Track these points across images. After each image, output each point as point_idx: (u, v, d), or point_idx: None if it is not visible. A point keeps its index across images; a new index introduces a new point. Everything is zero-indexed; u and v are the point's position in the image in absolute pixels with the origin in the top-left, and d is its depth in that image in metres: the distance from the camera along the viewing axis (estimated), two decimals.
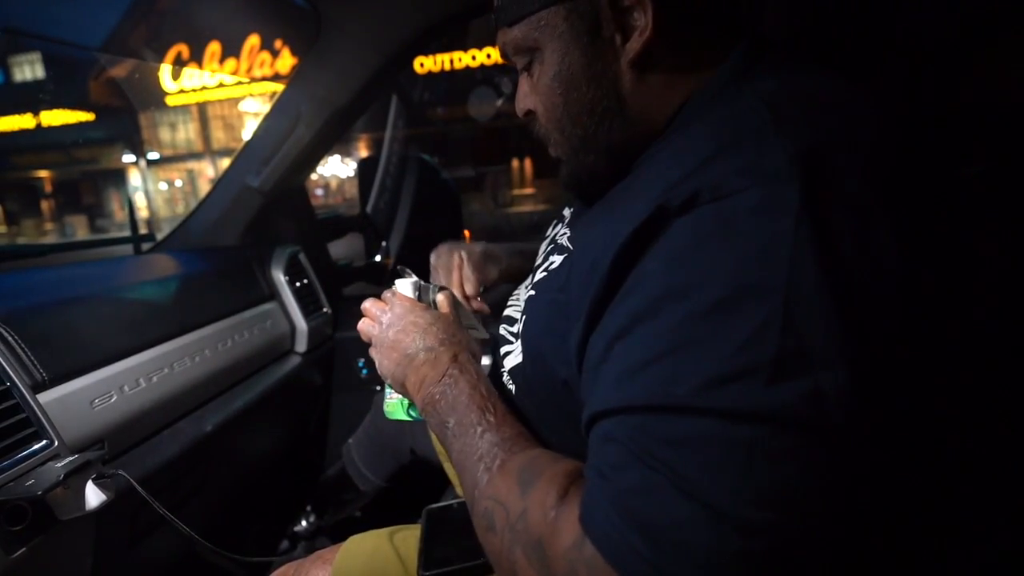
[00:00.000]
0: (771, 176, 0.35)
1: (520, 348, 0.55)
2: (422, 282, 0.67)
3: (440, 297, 0.65)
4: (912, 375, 0.36)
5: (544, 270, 0.55)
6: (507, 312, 0.65)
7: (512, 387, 0.56)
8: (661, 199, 0.38)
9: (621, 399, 0.37)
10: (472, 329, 0.70)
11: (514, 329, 0.60)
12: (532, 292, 0.55)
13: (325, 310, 1.31)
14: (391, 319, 0.61)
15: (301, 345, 1.21)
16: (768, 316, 0.33)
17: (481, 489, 0.44)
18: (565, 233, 0.58)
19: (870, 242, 0.34)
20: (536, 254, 0.69)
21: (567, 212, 0.70)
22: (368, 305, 0.66)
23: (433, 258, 0.80)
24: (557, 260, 0.53)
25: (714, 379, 0.33)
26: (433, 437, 0.93)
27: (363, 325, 0.65)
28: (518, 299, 0.66)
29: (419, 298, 0.65)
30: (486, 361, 0.69)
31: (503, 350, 0.60)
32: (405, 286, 0.66)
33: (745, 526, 0.31)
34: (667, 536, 0.32)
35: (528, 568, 0.38)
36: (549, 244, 0.65)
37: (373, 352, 0.62)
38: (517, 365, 0.55)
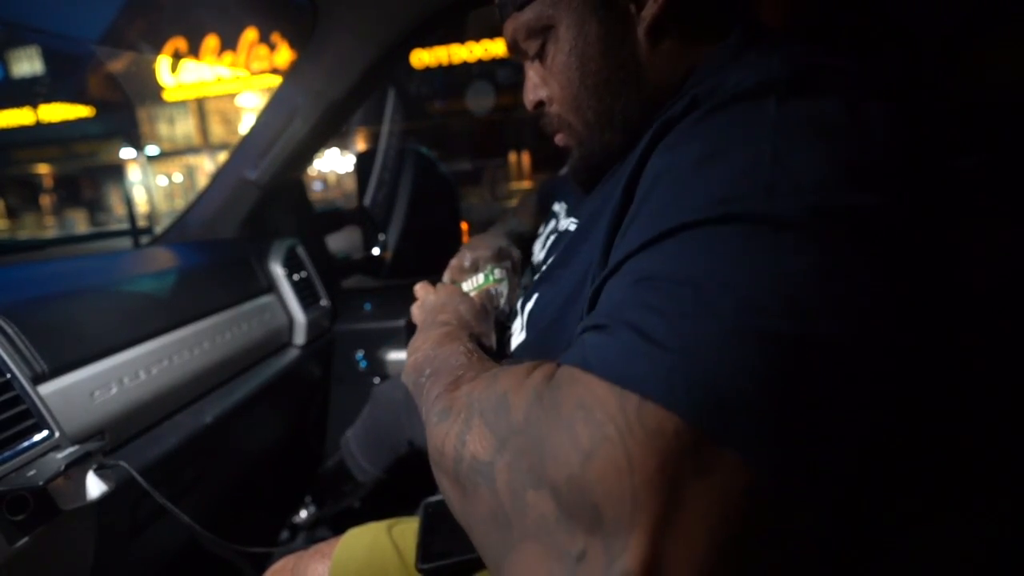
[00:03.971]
0: (764, 78, 0.35)
1: (524, 325, 0.54)
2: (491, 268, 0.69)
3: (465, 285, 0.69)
4: (915, 231, 0.33)
5: (556, 254, 0.55)
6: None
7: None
8: (663, 117, 0.38)
9: (631, 245, 0.34)
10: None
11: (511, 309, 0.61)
12: (542, 273, 0.55)
13: (323, 303, 1.32)
14: (432, 301, 0.63)
15: (299, 338, 1.21)
16: (757, 155, 0.31)
17: (443, 394, 0.40)
18: (571, 219, 0.58)
19: (859, 113, 0.33)
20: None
21: (557, 207, 0.71)
22: (418, 288, 0.69)
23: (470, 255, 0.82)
24: (563, 246, 0.53)
25: (708, 203, 0.31)
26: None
27: (413, 308, 0.67)
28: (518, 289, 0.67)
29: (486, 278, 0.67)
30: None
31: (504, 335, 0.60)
32: (472, 284, 0.69)
33: (763, 329, 0.27)
34: (717, 357, 0.27)
35: (483, 431, 0.33)
36: (550, 235, 0.65)
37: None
38: (521, 343, 0.54)
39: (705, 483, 0.25)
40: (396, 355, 1.34)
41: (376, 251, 1.65)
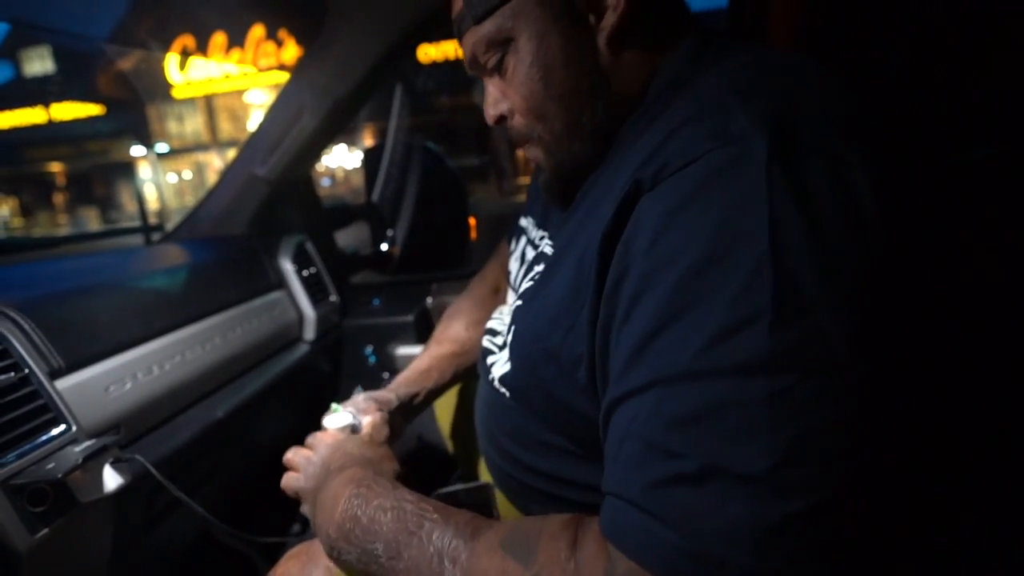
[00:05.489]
0: (736, 136, 0.35)
1: (508, 356, 0.53)
2: (351, 412, 0.65)
3: (366, 420, 0.65)
4: (911, 314, 0.35)
5: (530, 279, 0.54)
6: (490, 325, 0.65)
7: (506, 392, 0.55)
8: (635, 176, 0.38)
9: (629, 384, 0.36)
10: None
11: (498, 340, 0.59)
12: (519, 302, 0.54)
13: (332, 298, 1.32)
14: (315, 465, 0.57)
15: (309, 333, 1.22)
16: (758, 262, 0.32)
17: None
18: (546, 241, 0.57)
19: (846, 184, 0.34)
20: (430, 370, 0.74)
21: (525, 222, 0.70)
22: (290, 456, 0.61)
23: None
24: (541, 267, 0.53)
25: (716, 336, 0.32)
26: (439, 418, 0.95)
27: (286, 481, 0.60)
28: (502, 313, 0.66)
29: (353, 430, 0.63)
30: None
31: (488, 360, 0.59)
32: (334, 420, 0.63)
33: (782, 487, 0.30)
34: (705, 522, 0.31)
35: None
36: (525, 248, 0.65)
37: (305, 509, 0.56)
38: (507, 373, 0.54)
39: None
40: (405, 350, 1.35)
41: (384, 246, 1.65)
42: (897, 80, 0.66)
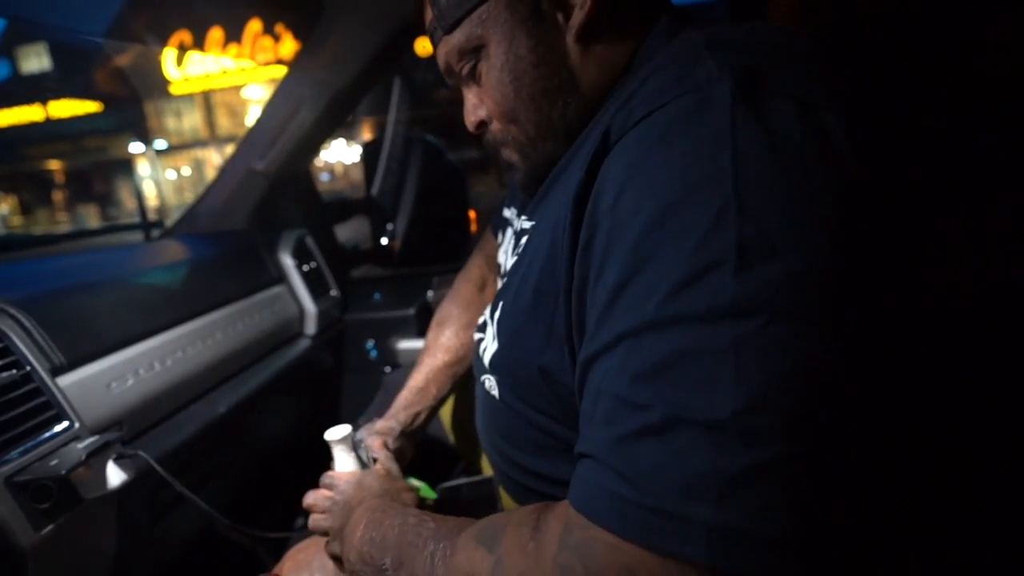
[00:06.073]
0: (702, 82, 0.35)
1: (495, 333, 0.54)
2: (356, 439, 0.65)
3: (379, 459, 0.65)
4: (880, 259, 0.34)
5: (514, 254, 0.55)
6: (480, 321, 0.64)
7: (495, 387, 0.55)
8: (602, 132, 0.38)
9: (599, 342, 0.35)
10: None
11: (481, 321, 0.60)
12: (504, 280, 0.55)
13: (333, 293, 1.32)
14: (340, 504, 0.58)
15: (310, 328, 1.22)
16: (721, 206, 0.31)
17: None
18: (525, 220, 0.57)
19: (816, 126, 0.33)
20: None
21: (508, 213, 0.70)
22: (312, 500, 0.62)
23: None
24: (522, 246, 0.53)
25: (680, 284, 0.31)
26: (442, 413, 0.95)
27: (314, 523, 0.60)
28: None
29: (359, 459, 0.64)
30: None
31: (480, 349, 0.59)
32: (344, 461, 0.63)
33: (746, 435, 0.29)
34: (665, 475, 0.30)
35: None
36: (510, 237, 0.65)
37: (334, 547, 0.57)
38: (495, 352, 0.54)
39: None
40: (406, 344, 1.35)
41: (384, 240, 1.65)
42: (901, 66, 0.66)
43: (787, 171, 0.32)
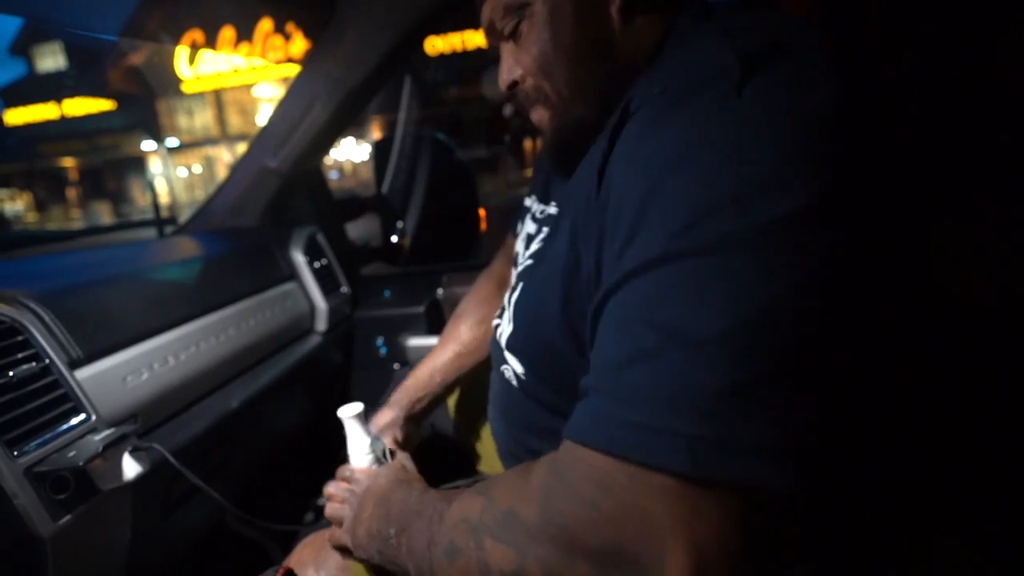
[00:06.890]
0: (714, 63, 0.37)
1: (511, 317, 0.55)
2: (372, 435, 0.67)
3: (398, 455, 0.67)
4: (873, 209, 0.36)
5: (538, 242, 0.56)
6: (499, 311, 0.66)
7: (513, 374, 0.56)
8: (625, 103, 0.41)
9: (606, 287, 0.37)
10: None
11: (499, 311, 0.61)
12: (529, 262, 0.56)
13: (344, 290, 1.33)
14: (358, 496, 0.60)
15: (321, 324, 1.23)
16: (722, 154, 0.34)
17: (436, 533, 0.43)
18: (551, 207, 0.59)
19: (816, 99, 0.35)
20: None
21: (529, 201, 0.70)
22: (332, 490, 0.63)
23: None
24: (547, 230, 0.55)
25: (685, 225, 0.33)
26: (450, 406, 0.95)
27: (331, 511, 0.62)
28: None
29: (373, 450, 0.65)
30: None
31: (498, 333, 0.60)
32: (357, 436, 0.66)
33: (735, 351, 0.30)
34: (655, 392, 0.32)
35: (498, 547, 0.37)
36: (528, 223, 0.65)
37: (346, 538, 0.58)
38: (511, 334, 0.55)
39: (710, 513, 0.30)
40: (416, 341, 1.35)
41: (394, 238, 1.66)
42: (914, 64, 0.65)
43: (784, 131, 0.34)
